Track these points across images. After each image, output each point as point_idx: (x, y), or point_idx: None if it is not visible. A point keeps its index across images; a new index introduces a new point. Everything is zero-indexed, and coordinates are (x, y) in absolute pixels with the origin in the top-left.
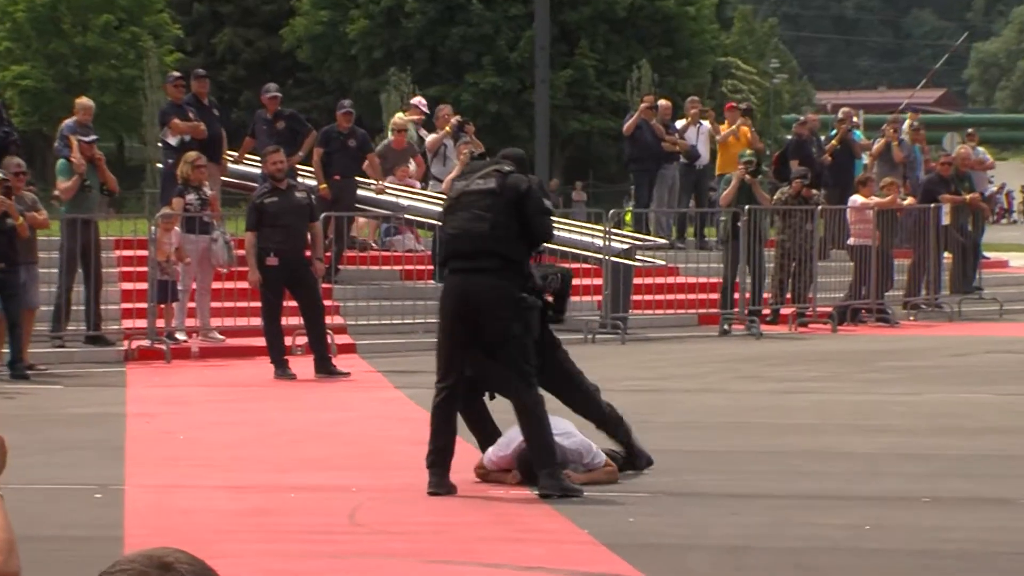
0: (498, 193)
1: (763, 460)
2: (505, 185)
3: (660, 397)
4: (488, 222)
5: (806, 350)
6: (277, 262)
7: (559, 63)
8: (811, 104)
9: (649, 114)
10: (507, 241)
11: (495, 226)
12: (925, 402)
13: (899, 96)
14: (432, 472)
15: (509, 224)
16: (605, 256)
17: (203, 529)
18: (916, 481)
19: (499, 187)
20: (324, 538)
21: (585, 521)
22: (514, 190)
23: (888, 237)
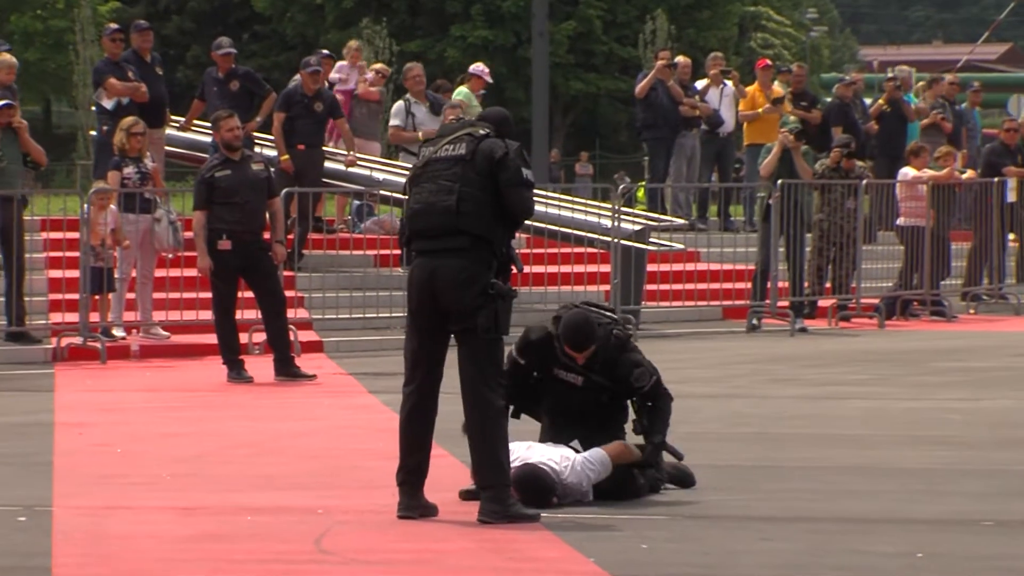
0: (468, 160)
1: (799, 477)
2: (477, 151)
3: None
4: (455, 195)
5: (849, 349)
6: (231, 246)
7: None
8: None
9: (666, 73)
10: (477, 217)
11: (463, 199)
12: (988, 410)
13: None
14: (403, 491)
15: (480, 197)
16: (614, 239)
17: (144, 558)
18: (977, 502)
19: (469, 153)
20: (286, 568)
21: (591, 548)
22: (487, 157)
23: (944, 217)
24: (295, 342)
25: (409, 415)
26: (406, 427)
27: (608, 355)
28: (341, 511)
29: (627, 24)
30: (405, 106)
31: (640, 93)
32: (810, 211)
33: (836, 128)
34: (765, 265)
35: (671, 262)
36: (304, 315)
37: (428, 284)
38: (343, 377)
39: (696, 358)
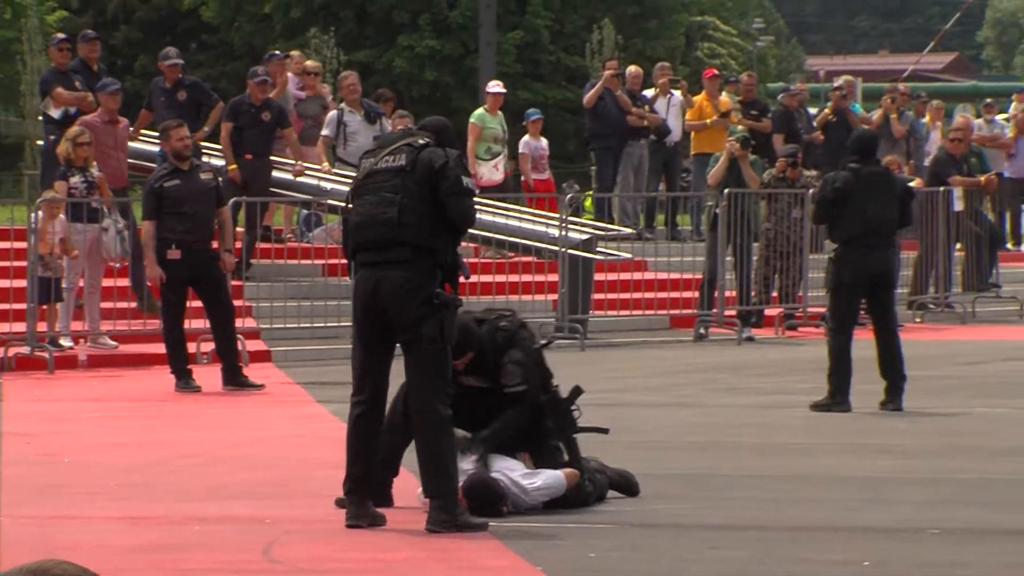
0: (408, 171)
1: (746, 485)
2: (417, 161)
3: (626, 412)
4: (396, 206)
5: (795, 357)
6: (180, 255)
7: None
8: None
9: (614, 83)
10: (419, 227)
11: (404, 211)
12: (933, 418)
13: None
14: (350, 500)
15: (421, 208)
16: (561, 248)
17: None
18: (923, 510)
19: (409, 164)
20: None
21: (539, 556)
22: (427, 167)
23: None
24: (243, 352)
25: (356, 424)
26: (353, 436)
27: (497, 350)
28: (289, 520)
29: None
30: (338, 115)
31: (588, 103)
32: (757, 220)
33: (778, 136)
34: (712, 274)
35: (619, 271)
36: (252, 324)
37: (373, 296)
38: (291, 387)
39: (643, 367)
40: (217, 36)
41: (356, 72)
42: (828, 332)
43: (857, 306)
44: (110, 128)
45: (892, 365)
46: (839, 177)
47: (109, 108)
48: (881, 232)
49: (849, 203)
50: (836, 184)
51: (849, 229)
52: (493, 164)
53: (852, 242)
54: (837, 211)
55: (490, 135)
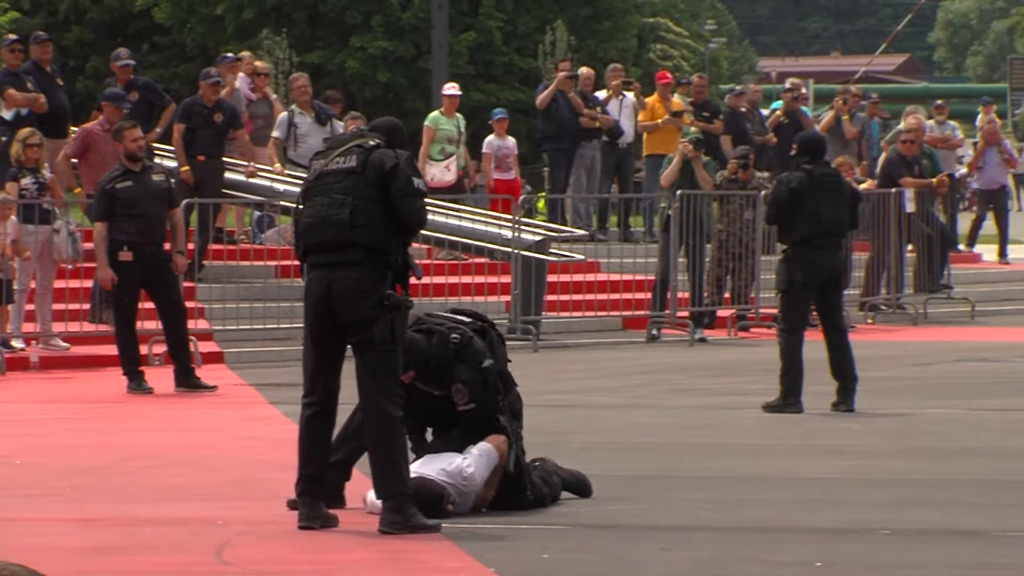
0: (359, 173)
1: (699, 486)
2: (367, 163)
3: (579, 413)
4: (348, 208)
5: (748, 359)
6: (132, 257)
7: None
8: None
9: (567, 85)
10: (370, 229)
11: (355, 212)
12: (885, 419)
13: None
14: (303, 502)
15: (372, 209)
16: (514, 250)
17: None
18: (875, 511)
19: (360, 165)
20: None
21: (492, 558)
22: (377, 168)
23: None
24: (195, 353)
25: (308, 426)
26: (305, 438)
27: (447, 362)
28: (242, 522)
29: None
30: (288, 117)
31: (541, 104)
32: (710, 222)
33: (726, 138)
34: (665, 275)
35: (571, 273)
36: (204, 326)
37: (324, 297)
38: (243, 388)
39: (596, 368)
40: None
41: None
42: (780, 333)
43: (808, 307)
44: (109, 136)
45: (843, 366)
46: (794, 178)
47: (111, 119)
48: (833, 233)
49: (803, 204)
50: (791, 185)
51: (803, 230)
52: (445, 165)
53: (805, 243)
54: (791, 212)
55: (444, 137)
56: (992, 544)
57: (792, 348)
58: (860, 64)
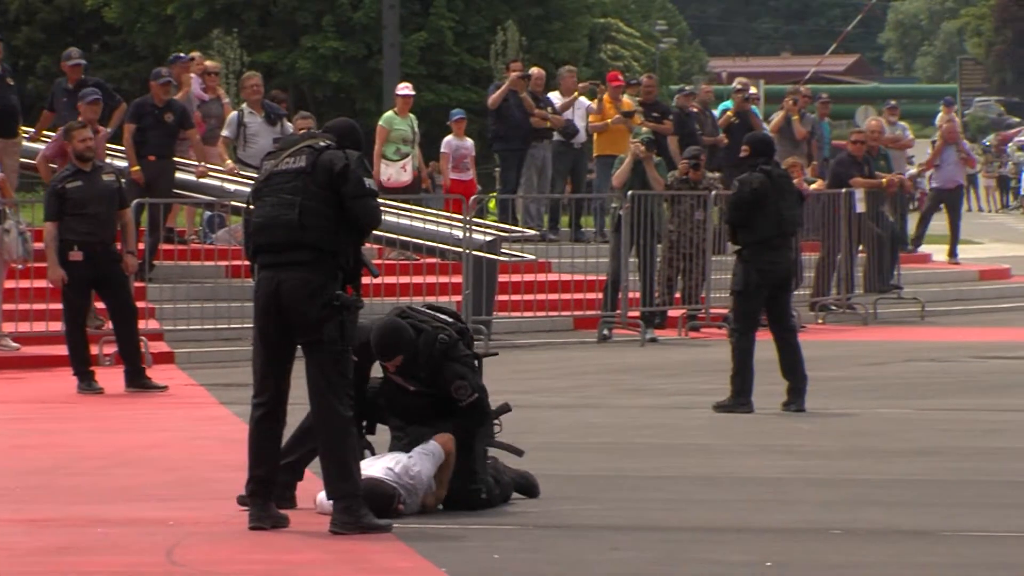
0: (309, 173)
1: (650, 486)
2: (317, 164)
3: (530, 413)
4: (297, 208)
5: (699, 359)
6: (82, 257)
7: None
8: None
9: (519, 85)
10: (320, 230)
11: (304, 212)
12: (836, 419)
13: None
14: (253, 502)
15: (322, 210)
16: (465, 250)
17: None
18: (825, 510)
19: (310, 166)
20: None
21: (443, 558)
22: (327, 170)
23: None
24: (146, 353)
25: (258, 426)
26: (255, 438)
27: (432, 361)
28: (192, 522)
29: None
30: (238, 117)
31: (493, 104)
32: (661, 222)
33: (673, 138)
34: (616, 276)
35: (522, 273)
36: (155, 326)
37: (274, 297)
38: (194, 388)
39: (547, 368)
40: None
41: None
42: (732, 333)
43: (761, 308)
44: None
45: (793, 366)
46: (755, 179)
47: (88, 118)
48: (789, 234)
49: (765, 205)
50: (754, 186)
51: (763, 230)
52: (401, 165)
53: (765, 243)
54: (753, 213)
55: (398, 137)
56: (941, 543)
57: (744, 349)
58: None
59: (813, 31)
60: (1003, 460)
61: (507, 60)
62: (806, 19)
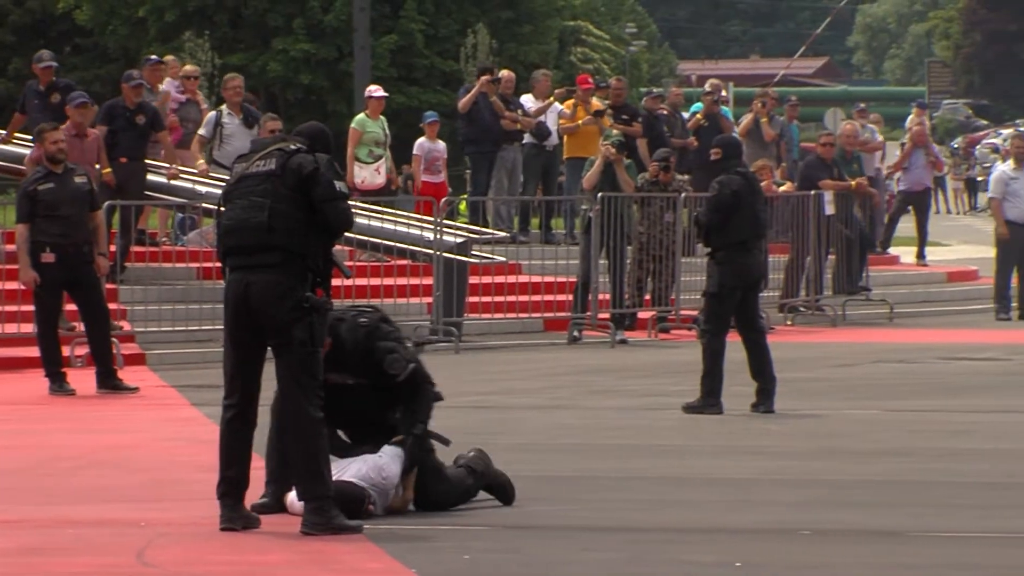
0: (278, 176)
1: (620, 487)
2: (287, 167)
3: (501, 415)
4: (266, 211)
5: (669, 360)
6: (54, 259)
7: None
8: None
9: (490, 88)
10: (289, 232)
11: (274, 215)
12: (805, 420)
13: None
14: (224, 504)
15: (292, 212)
16: (436, 251)
17: None
18: (794, 511)
19: (279, 168)
20: None
21: (413, 559)
22: (296, 173)
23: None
24: (118, 355)
25: (229, 427)
26: (226, 439)
27: (359, 347)
28: (164, 523)
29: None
30: (216, 117)
31: (464, 108)
32: (631, 224)
33: (642, 140)
34: (586, 277)
35: (493, 275)
36: (127, 327)
37: (243, 299)
38: (165, 390)
39: (518, 370)
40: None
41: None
42: (704, 335)
43: (733, 310)
44: (77, 141)
45: (762, 367)
46: (733, 181)
47: (76, 121)
48: (762, 235)
49: (742, 207)
50: (733, 188)
51: (740, 232)
52: (375, 168)
53: (741, 245)
54: (731, 215)
55: (371, 139)
56: (910, 544)
57: (715, 350)
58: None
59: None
60: (971, 461)
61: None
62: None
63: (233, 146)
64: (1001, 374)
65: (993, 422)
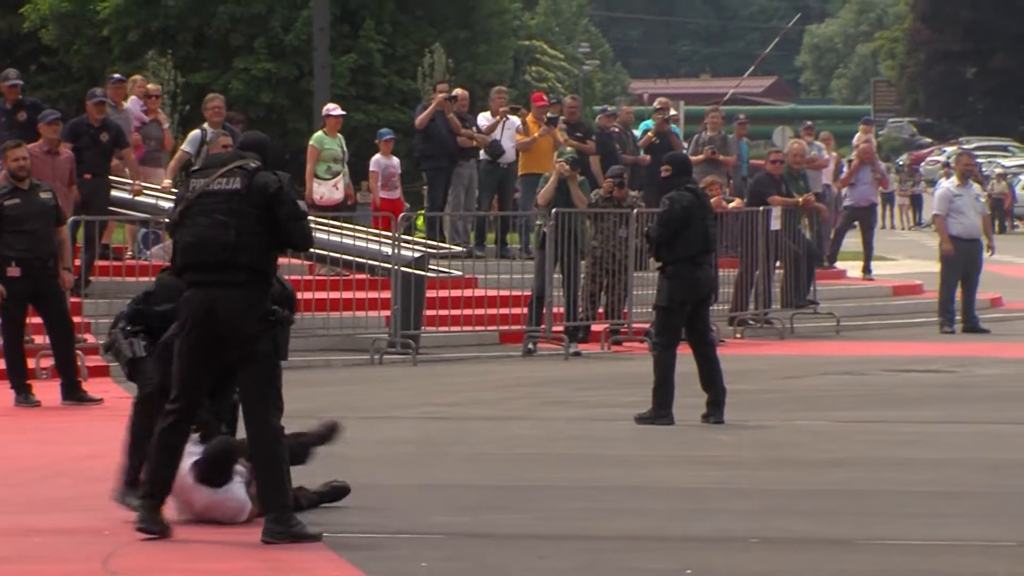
0: (244, 195)
1: (574, 496)
2: (252, 186)
3: (457, 425)
4: (233, 230)
5: (621, 372)
6: (20, 272)
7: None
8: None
9: (446, 105)
10: (254, 250)
11: (241, 234)
12: (754, 430)
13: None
14: (144, 505)
15: (256, 230)
16: (394, 266)
17: None
18: (744, 520)
19: (245, 188)
20: None
21: (373, 567)
22: (261, 192)
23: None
24: (82, 367)
25: (166, 433)
26: (164, 441)
27: None
28: (128, 532)
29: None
30: (201, 135)
31: (421, 124)
32: (584, 239)
33: (595, 158)
34: (540, 291)
35: (450, 288)
36: (91, 340)
37: (210, 314)
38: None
39: (474, 381)
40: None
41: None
42: (655, 347)
43: (683, 322)
44: (48, 159)
45: (712, 379)
46: (683, 197)
47: (48, 138)
48: (711, 250)
49: (692, 222)
50: (684, 204)
51: (690, 247)
52: (333, 184)
53: (690, 260)
54: (680, 231)
55: (329, 156)
56: (857, 552)
57: (666, 362)
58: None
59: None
60: (916, 471)
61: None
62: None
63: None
64: (945, 386)
65: (938, 433)
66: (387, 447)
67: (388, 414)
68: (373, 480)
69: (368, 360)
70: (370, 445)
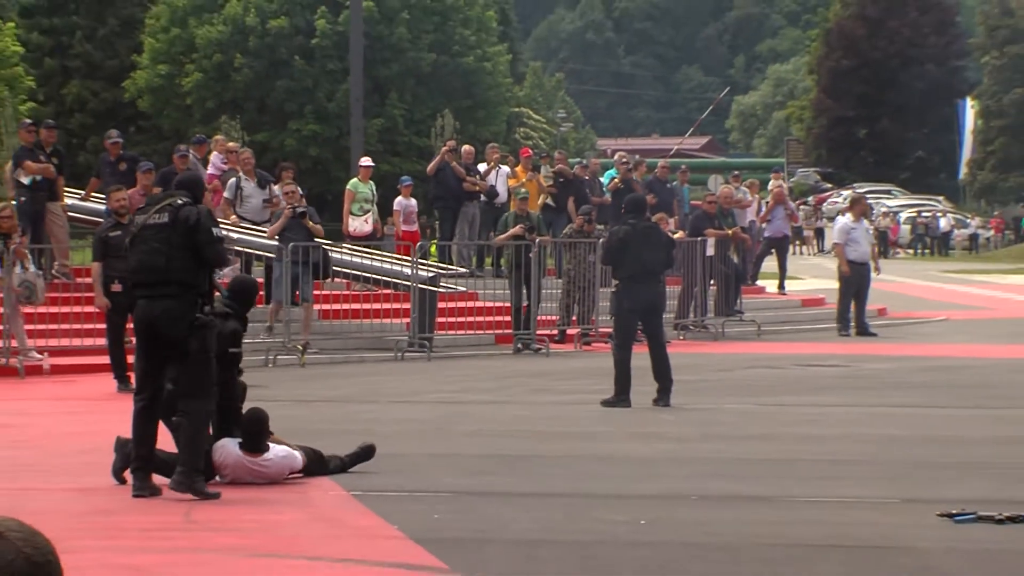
0: (171, 226)
1: (554, 463)
2: (177, 219)
3: (462, 408)
4: (164, 256)
5: (590, 366)
6: (121, 288)
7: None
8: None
9: (450, 157)
10: (183, 269)
11: (171, 259)
12: (694, 412)
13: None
14: (135, 475)
15: (183, 254)
16: (413, 283)
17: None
18: (686, 481)
19: (171, 221)
20: (162, 535)
21: (395, 518)
22: (184, 223)
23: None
24: None
25: (140, 415)
26: (139, 424)
27: None
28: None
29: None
30: (236, 182)
31: (431, 172)
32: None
33: (569, 198)
34: (517, 302)
35: (456, 301)
36: None
37: (151, 321)
38: None
39: (477, 374)
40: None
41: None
42: (614, 347)
43: (635, 327)
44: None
45: (662, 371)
46: (621, 230)
47: (144, 184)
48: (651, 271)
49: (629, 249)
50: (620, 235)
51: (628, 269)
52: (364, 219)
53: (631, 279)
54: (620, 255)
55: (362, 198)
56: (775, 507)
57: (623, 358)
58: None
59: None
60: (820, 443)
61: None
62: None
63: (251, 203)
64: (843, 377)
65: (838, 414)
66: (406, 424)
67: (407, 399)
68: (396, 450)
69: (392, 357)
70: (393, 423)
